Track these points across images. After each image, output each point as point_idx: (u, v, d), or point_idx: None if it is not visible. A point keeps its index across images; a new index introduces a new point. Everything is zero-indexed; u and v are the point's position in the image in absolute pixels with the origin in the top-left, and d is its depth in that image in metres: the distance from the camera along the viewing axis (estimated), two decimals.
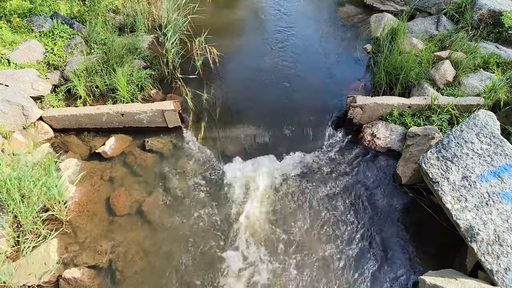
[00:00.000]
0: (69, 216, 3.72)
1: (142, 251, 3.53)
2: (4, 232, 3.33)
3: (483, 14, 5.54)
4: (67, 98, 4.80)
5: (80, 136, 4.52)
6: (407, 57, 4.76)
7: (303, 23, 6.69)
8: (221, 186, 4.09)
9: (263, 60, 5.72)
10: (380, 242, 3.63)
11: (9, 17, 5.47)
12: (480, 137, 3.52)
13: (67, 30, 5.43)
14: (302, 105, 4.92)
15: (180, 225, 3.74)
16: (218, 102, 4.98)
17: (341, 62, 5.77)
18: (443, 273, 3.14)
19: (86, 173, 4.08)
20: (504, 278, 2.84)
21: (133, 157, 4.30)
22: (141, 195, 3.96)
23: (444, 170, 3.47)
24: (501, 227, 3.04)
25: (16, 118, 4.15)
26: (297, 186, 4.10)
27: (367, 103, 4.42)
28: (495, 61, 5.02)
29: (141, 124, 4.54)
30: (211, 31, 5.67)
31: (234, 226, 3.74)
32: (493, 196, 3.20)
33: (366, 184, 4.12)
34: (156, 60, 5.44)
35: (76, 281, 3.22)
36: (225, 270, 3.43)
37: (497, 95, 4.31)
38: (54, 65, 5.00)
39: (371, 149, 4.43)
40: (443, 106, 4.36)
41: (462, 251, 3.41)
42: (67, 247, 3.51)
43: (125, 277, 3.35)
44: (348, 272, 3.43)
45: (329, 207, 3.91)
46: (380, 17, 6.38)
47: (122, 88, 4.57)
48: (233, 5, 7.29)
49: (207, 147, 4.48)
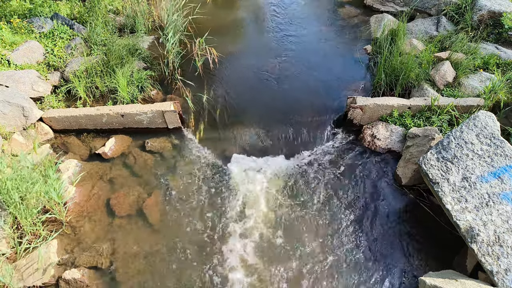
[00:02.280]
0: (69, 217, 3.72)
1: (142, 252, 3.53)
2: (4, 233, 3.33)
3: (483, 15, 5.54)
4: (67, 99, 4.80)
5: (80, 137, 4.52)
6: (407, 58, 4.76)
7: (303, 24, 6.69)
8: (221, 187, 4.09)
9: (263, 60, 5.73)
10: (380, 243, 3.63)
11: (9, 18, 5.47)
12: (480, 138, 3.52)
13: (67, 31, 5.44)
14: (302, 105, 4.92)
15: (180, 226, 3.74)
16: (218, 103, 4.98)
17: (341, 62, 5.77)
18: (443, 274, 3.14)
19: (86, 174, 4.08)
20: (504, 279, 2.84)
21: (133, 158, 4.30)
22: (141, 196, 3.96)
23: (444, 171, 3.47)
24: (501, 228, 3.04)
25: (16, 119, 4.15)
26: (297, 187, 4.10)
27: (367, 104, 4.42)
28: (495, 62, 5.02)
29: (141, 125, 4.54)
30: (211, 32, 5.68)
31: (235, 227, 3.74)
32: (493, 197, 3.20)
33: (366, 185, 4.12)
34: (156, 61, 5.44)
35: (76, 282, 3.21)
36: (225, 271, 3.43)
37: (497, 96, 4.31)
38: (54, 66, 5.01)
39: (371, 150, 4.43)
40: (443, 107, 4.36)
41: (462, 252, 3.41)
42: (67, 248, 3.51)
43: (125, 278, 3.35)
44: (348, 272, 3.42)
45: (329, 208, 3.91)
46: (380, 18, 6.38)
47: (122, 89, 4.57)
48: (233, 6, 7.29)
49: (207, 148, 4.48)
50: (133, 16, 5.93)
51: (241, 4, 7.40)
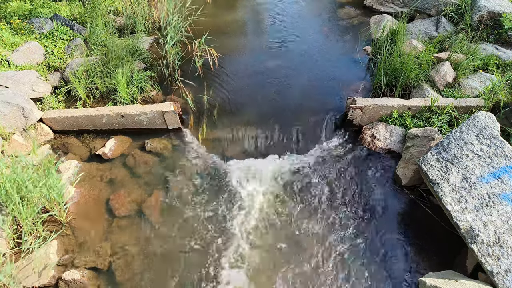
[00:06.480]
0: (69, 217, 3.72)
1: (142, 253, 3.53)
2: (3, 234, 3.32)
3: (483, 15, 5.55)
4: (67, 99, 4.81)
5: (80, 138, 4.52)
6: (406, 58, 4.76)
7: (302, 25, 6.70)
8: (222, 187, 4.09)
9: (263, 61, 5.73)
10: (380, 244, 3.63)
11: (9, 18, 5.48)
12: (480, 139, 3.52)
13: (67, 32, 5.44)
14: (302, 106, 4.93)
15: (180, 227, 3.74)
16: (218, 103, 4.98)
17: (341, 63, 5.77)
18: (443, 274, 3.13)
19: (86, 174, 4.08)
20: (504, 279, 2.84)
21: (133, 158, 4.30)
22: (141, 196, 3.96)
23: (444, 172, 3.47)
24: (501, 228, 3.04)
25: (16, 120, 4.15)
26: (297, 187, 4.10)
27: (367, 104, 4.42)
28: (495, 62, 5.03)
29: (141, 126, 4.54)
30: (211, 33, 5.68)
31: (235, 227, 3.74)
32: (493, 197, 3.20)
33: (366, 185, 4.12)
34: (156, 61, 5.44)
35: (76, 283, 3.21)
36: (226, 271, 3.42)
37: (497, 97, 4.31)
38: (54, 67, 5.01)
39: (371, 151, 4.43)
40: (443, 107, 4.36)
41: (462, 252, 3.41)
42: (67, 248, 3.51)
43: (125, 279, 3.35)
44: (348, 273, 3.42)
45: (328, 208, 3.91)
46: (379, 18, 6.39)
47: (122, 89, 4.57)
48: (233, 7, 7.30)
49: (207, 148, 4.48)
50: (133, 17, 5.94)
51: (241, 4, 7.41)
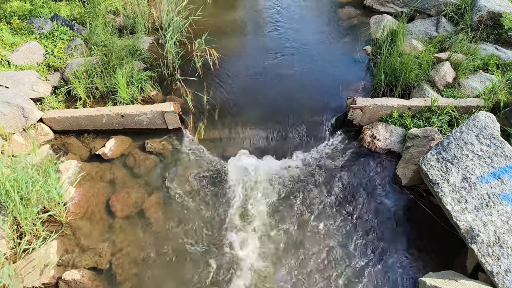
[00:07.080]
0: (69, 217, 3.72)
1: (142, 253, 3.53)
2: (3, 234, 3.32)
3: (483, 15, 5.55)
4: (67, 99, 4.81)
5: (80, 138, 4.52)
6: (406, 58, 4.76)
7: (302, 25, 6.70)
8: (222, 187, 4.09)
9: (263, 61, 5.73)
10: (380, 244, 3.63)
11: (9, 18, 5.48)
12: (480, 139, 3.52)
13: (67, 32, 5.44)
14: (302, 106, 4.92)
15: (180, 227, 3.74)
16: (218, 103, 4.98)
17: (341, 63, 5.77)
18: (443, 274, 3.14)
19: (86, 174, 4.08)
20: (504, 279, 2.84)
21: (133, 158, 4.30)
22: (141, 196, 3.96)
23: (444, 172, 3.47)
24: (501, 228, 3.04)
25: (16, 120, 4.15)
26: (297, 188, 4.09)
27: (367, 104, 4.42)
28: (495, 62, 5.03)
29: (141, 126, 4.54)
30: (211, 33, 5.68)
31: (235, 227, 3.74)
32: (493, 197, 3.20)
33: (366, 186, 4.12)
34: (156, 61, 5.45)
35: (76, 283, 3.21)
36: (226, 271, 3.42)
37: (497, 97, 4.31)
38: (54, 67, 5.01)
39: (371, 151, 4.43)
40: (443, 107, 4.36)
41: (462, 252, 3.41)
42: (67, 248, 3.51)
43: (125, 279, 3.34)
44: (348, 273, 3.42)
45: (328, 208, 3.91)
46: (379, 18, 6.39)
47: (122, 89, 4.57)
48: (233, 7, 7.30)
49: (207, 148, 4.48)
50: (133, 16, 5.94)
51: (241, 4, 7.41)
